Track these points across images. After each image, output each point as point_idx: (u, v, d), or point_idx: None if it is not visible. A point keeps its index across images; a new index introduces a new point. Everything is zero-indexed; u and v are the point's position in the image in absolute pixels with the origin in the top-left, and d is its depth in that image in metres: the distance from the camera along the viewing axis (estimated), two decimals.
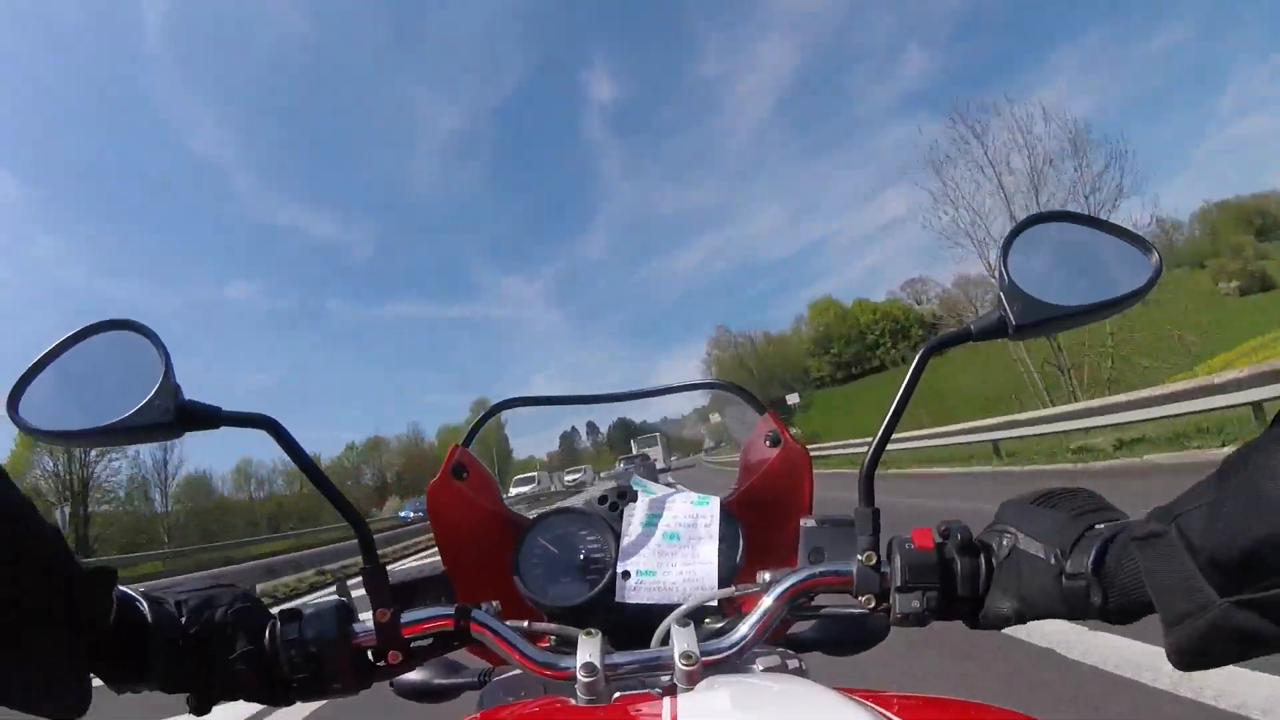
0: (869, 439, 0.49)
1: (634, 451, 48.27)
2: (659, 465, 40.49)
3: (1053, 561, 0.42)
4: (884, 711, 0.36)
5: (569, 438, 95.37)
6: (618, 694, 0.45)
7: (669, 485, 0.67)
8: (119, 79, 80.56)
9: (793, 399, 43.17)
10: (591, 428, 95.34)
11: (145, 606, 0.45)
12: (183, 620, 0.46)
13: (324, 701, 0.51)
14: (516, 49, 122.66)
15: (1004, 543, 0.46)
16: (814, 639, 0.66)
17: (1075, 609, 0.41)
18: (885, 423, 0.50)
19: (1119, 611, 0.40)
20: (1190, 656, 0.35)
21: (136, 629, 0.44)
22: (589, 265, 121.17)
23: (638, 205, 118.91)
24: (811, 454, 0.67)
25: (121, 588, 0.44)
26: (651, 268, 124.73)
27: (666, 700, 0.39)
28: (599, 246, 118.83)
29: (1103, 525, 0.42)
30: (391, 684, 0.62)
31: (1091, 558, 0.41)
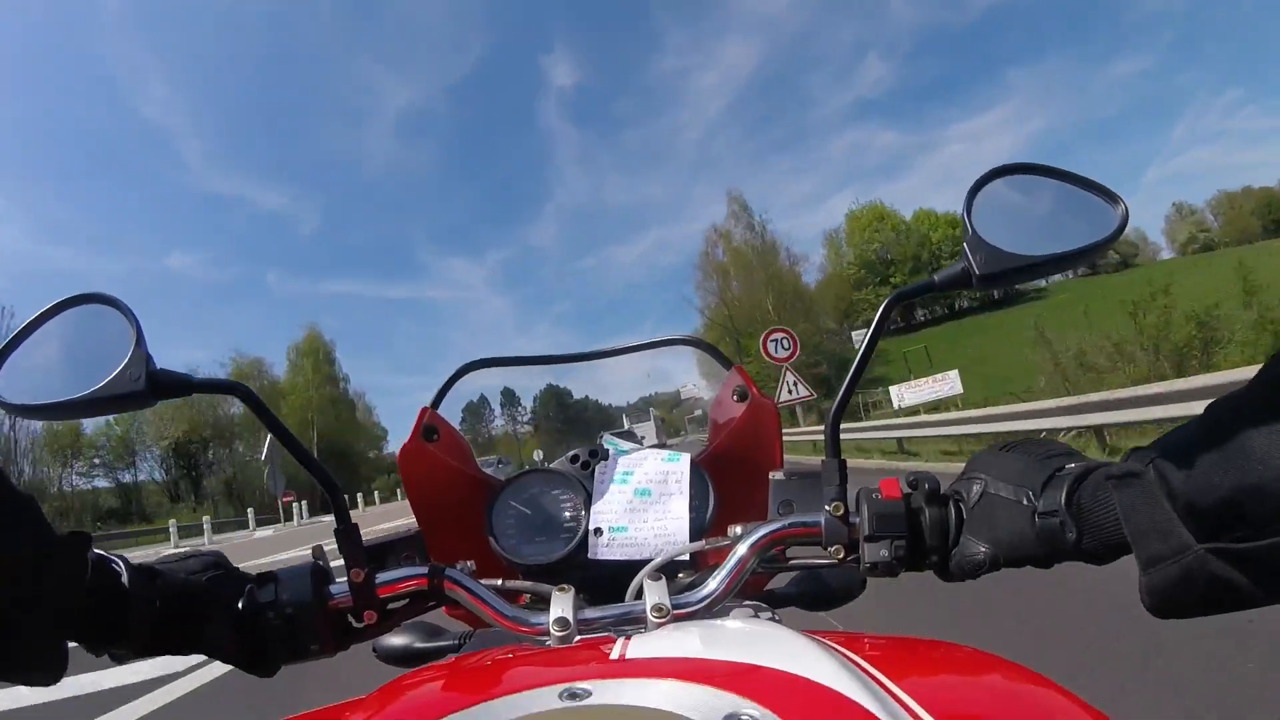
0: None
1: (625, 427, 44.85)
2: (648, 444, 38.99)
3: (1025, 502, 0.42)
4: (846, 651, 0.37)
5: (475, 411, 64.61)
6: (578, 638, 0.46)
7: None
8: (68, 34, 76.26)
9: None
10: (510, 398, 66.13)
11: (122, 568, 0.45)
12: (159, 584, 0.47)
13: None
14: (476, 29, 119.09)
15: (974, 489, 0.46)
16: (790, 594, 0.66)
17: (1050, 548, 0.41)
18: (850, 375, 0.51)
19: (1094, 551, 0.40)
20: (1163, 601, 0.35)
21: (113, 593, 0.44)
22: (536, 252, 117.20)
23: (588, 194, 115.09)
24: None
25: (97, 550, 0.45)
26: (598, 257, 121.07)
27: (621, 640, 0.39)
28: (547, 234, 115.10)
29: (1074, 465, 0.42)
30: (374, 649, 0.63)
31: (1064, 494, 0.40)
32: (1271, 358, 0.32)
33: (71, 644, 0.42)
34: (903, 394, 15.83)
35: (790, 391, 11.51)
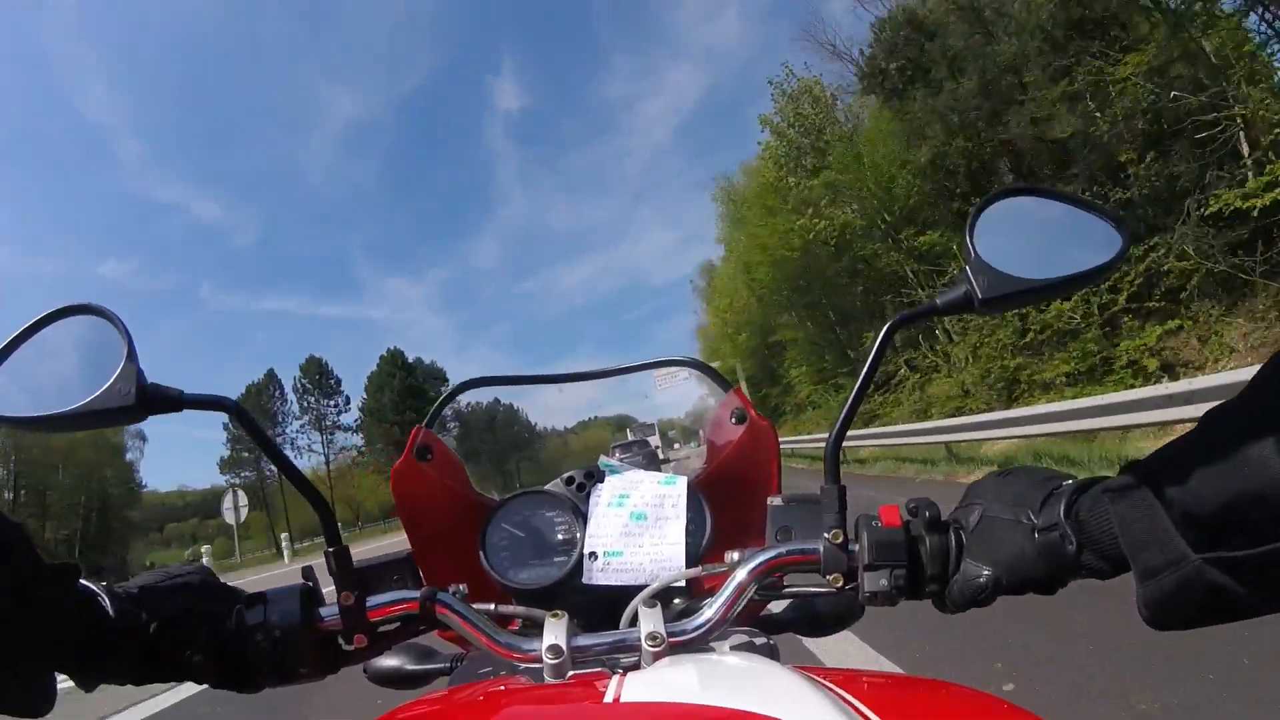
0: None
1: (630, 438, 39.67)
2: (658, 455, 34.24)
3: (1024, 521, 0.42)
4: (840, 690, 0.36)
5: (261, 405, 41.83)
6: (572, 673, 0.45)
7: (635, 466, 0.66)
8: (5, 24, 75.79)
9: None
10: (316, 374, 44.44)
11: (107, 602, 0.45)
12: (146, 612, 0.46)
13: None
14: (425, 46, 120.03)
15: (973, 516, 0.46)
16: (787, 620, 0.65)
17: (1051, 566, 0.41)
18: (850, 399, 0.50)
19: (1094, 565, 0.40)
20: (1161, 612, 0.35)
21: (100, 624, 0.44)
22: (476, 273, 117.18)
23: (531, 216, 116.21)
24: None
25: (83, 582, 0.44)
26: (539, 280, 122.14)
27: (616, 678, 0.38)
28: (488, 255, 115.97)
29: (1070, 482, 0.43)
30: (365, 670, 0.62)
31: (1063, 507, 0.41)
32: (1265, 364, 0.32)
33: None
34: None
35: None
